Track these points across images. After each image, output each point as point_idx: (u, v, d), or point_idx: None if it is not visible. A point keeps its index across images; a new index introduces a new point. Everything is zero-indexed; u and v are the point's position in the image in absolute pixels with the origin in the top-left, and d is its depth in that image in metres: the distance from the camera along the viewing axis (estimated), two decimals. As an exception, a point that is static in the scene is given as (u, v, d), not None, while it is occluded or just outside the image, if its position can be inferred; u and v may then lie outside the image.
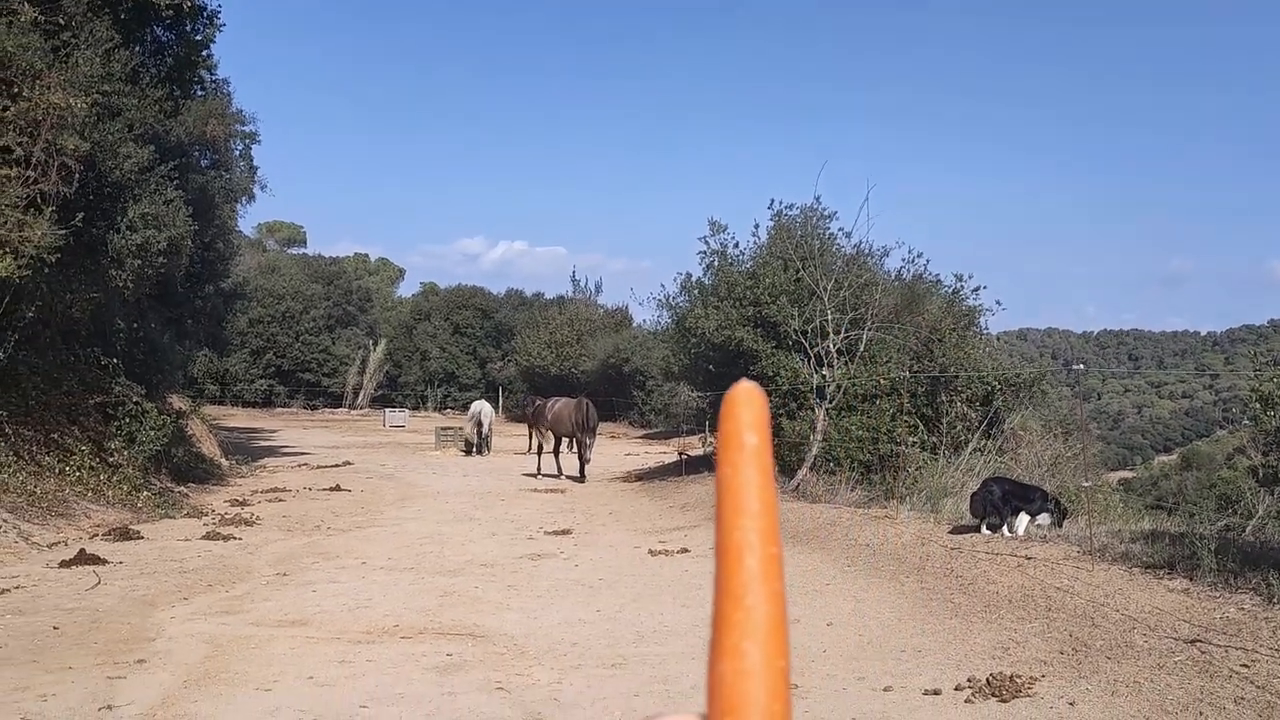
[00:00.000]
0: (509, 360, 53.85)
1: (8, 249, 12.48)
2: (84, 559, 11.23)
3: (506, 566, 12.04)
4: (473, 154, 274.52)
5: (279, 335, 53.05)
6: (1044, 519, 11.25)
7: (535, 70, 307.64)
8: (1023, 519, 11.10)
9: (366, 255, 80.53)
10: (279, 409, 52.75)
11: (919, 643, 8.21)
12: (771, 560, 0.67)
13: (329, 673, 7.36)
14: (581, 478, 23.00)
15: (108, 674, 7.20)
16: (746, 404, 0.69)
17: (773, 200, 20.24)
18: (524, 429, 33.62)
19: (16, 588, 9.86)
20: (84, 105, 13.26)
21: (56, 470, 14.81)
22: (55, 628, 8.48)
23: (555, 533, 14.79)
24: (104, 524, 13.76)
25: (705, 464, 21.11)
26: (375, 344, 56.63)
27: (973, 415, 16.83)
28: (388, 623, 9.01)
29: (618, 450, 33.25)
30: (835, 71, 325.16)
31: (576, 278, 75.29)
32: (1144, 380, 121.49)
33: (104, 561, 11.30)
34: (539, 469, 23.96)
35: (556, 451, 23.95)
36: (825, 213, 19.80)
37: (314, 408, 53.96)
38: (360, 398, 55.65)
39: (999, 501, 11.28)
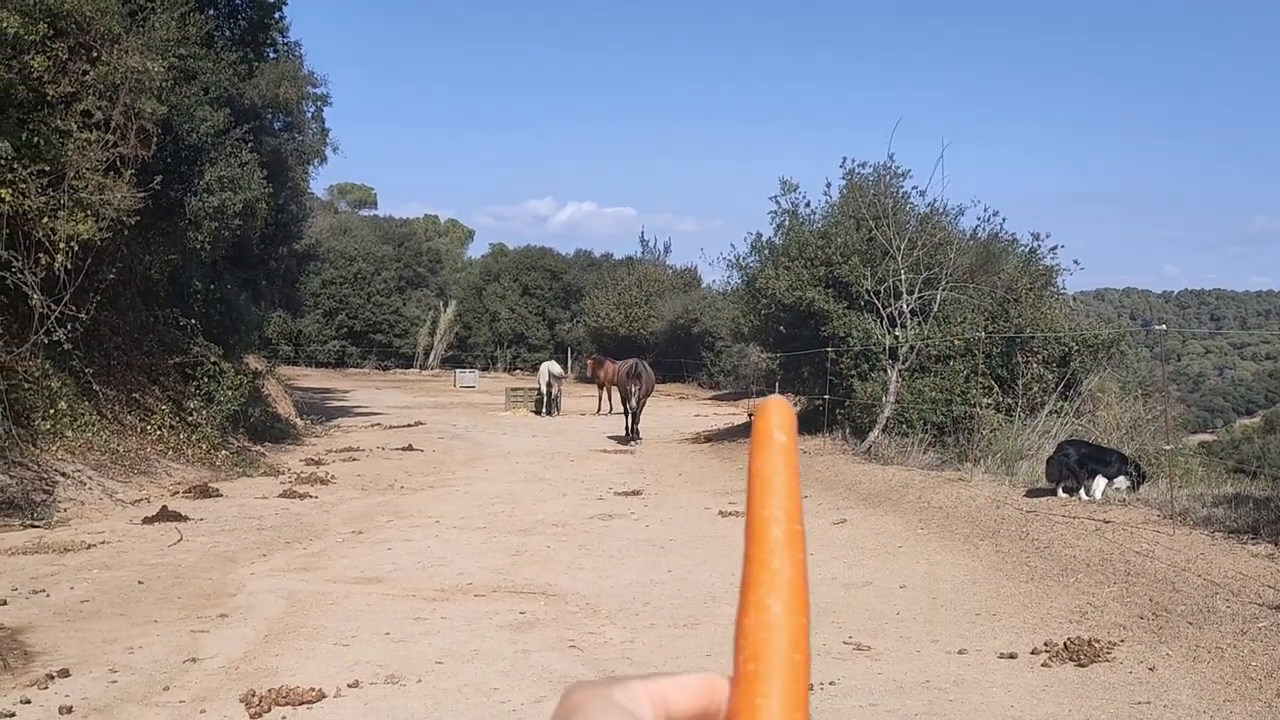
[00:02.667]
0: (578, 321, 53.95)
1: (89, 211, 12.71)
2: (166, 516, 11.48)
3: (577, 526, 12.11)
4: (542, 115, 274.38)
5: (351, 296, 53.59)
6: (1121, 482, 11.03)
7: (605, 31, 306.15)
8: (1099, 482, 10.90)
9: (436, 217, 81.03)
10: (351, 369, 53.42)
11: (994, 606, 8.12)
12: (795, 534, 0.77)
13: (405, 629, 7.46)
14: (629, 438, 22.60)
15: (191, 628, 7.37)
16: (777, 409, 0.82)
17: (845, 158, 20.04)
18: (593, 390, 33.76)
19: (103, 543, 10.11)
20: (161, 69, 13.41)
21: (138, 429, 15.14)
22: (140, 582, 8.68)
23: (625, 493, 14.84)
24: (184, 482, 14.06)
25: (775, 425, 21.00)
26: (445, 305, 56.98)
27: (1049, 377, 16.54)
28: (461, 581, 9.11)
29: (686, 411, 33.25)
30: (914, 27, 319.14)
31: (645, 238, 75.12)
32: (1226, 341, 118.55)
33: (185, 518, 11.55)
34: (627, 431, 23.46)
35: (627, 412, 23.67)
36: (899, 171, 19.51)
37: (385, 368, 54.53)
38: (431, 358, 56.13)
39: (1075, 465, 11.08)
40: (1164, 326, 11.81)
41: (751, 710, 0.69)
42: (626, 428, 22.99)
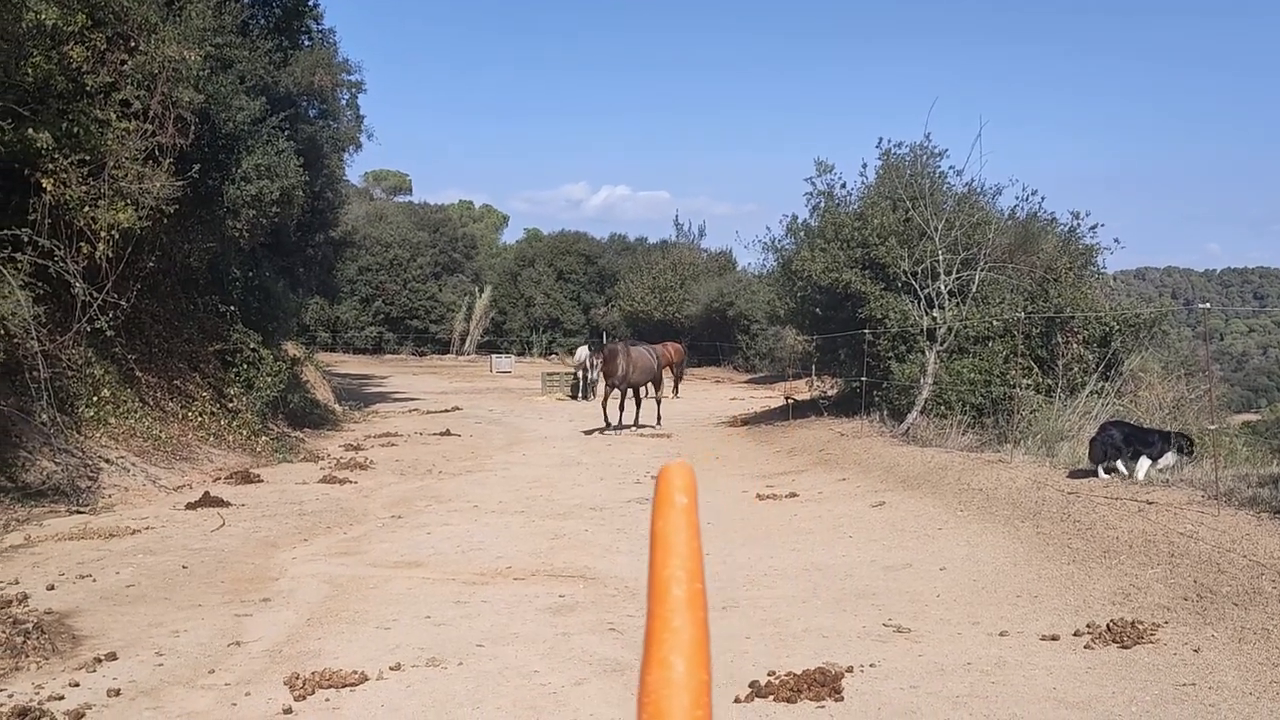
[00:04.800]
0: (612, 305, 53.95)
1: (129, 200, 12.83)
2: (208, 501, 11.61)
3: (615, 510, 12.13)
4: (576, 99, 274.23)
5: (387, 282, 53.87)
6: (1168, 459, 10.88)
7: (638, 15, 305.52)
8: (1144, 463, 10.77)
9: (471, 202, 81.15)
10: (388, 355, 53.74)
11: (1035, 588, 8.06)
12: (696, 593, 0.80)
13: (445, 612, 7.50)
14: (613, 426, 21.49)
15: (235, 611, 7.45)
16: (678, 474, 0.86)
17: (881, 139, 19.81)
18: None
19: (147, 528, 10.24)
20: (198, 58, 13.50)
21: (180, 416, 15.31)
22: (184, 567, 8.79)
23: (662, 477, 14.82)
24: (225, 467, 14.20)
25: (812, 408, 20.95)
26: (481, 290, 57.14)
27: (1089, 357, 16.35)
28: (500, 564, 9.15)
29: (722, 395, 33.22)
30: (951, 5, 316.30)
31: (680, 222, 74.99)
32: (1270, 319, 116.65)
33: (227, 504, 11.67)
34: (657, 417, 22.97)
35: (636, 399, 22.53)
36: (935, 150, 19.30)
37: (422, 354, 54.83)
38: (467, 344, 56.34)
39: (1119, 446, 10.96)
40: (1207, 305, 11.66)
41: None
42: (604, 415, 21.62)
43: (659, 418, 23.02)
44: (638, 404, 22.48)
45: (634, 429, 21.79)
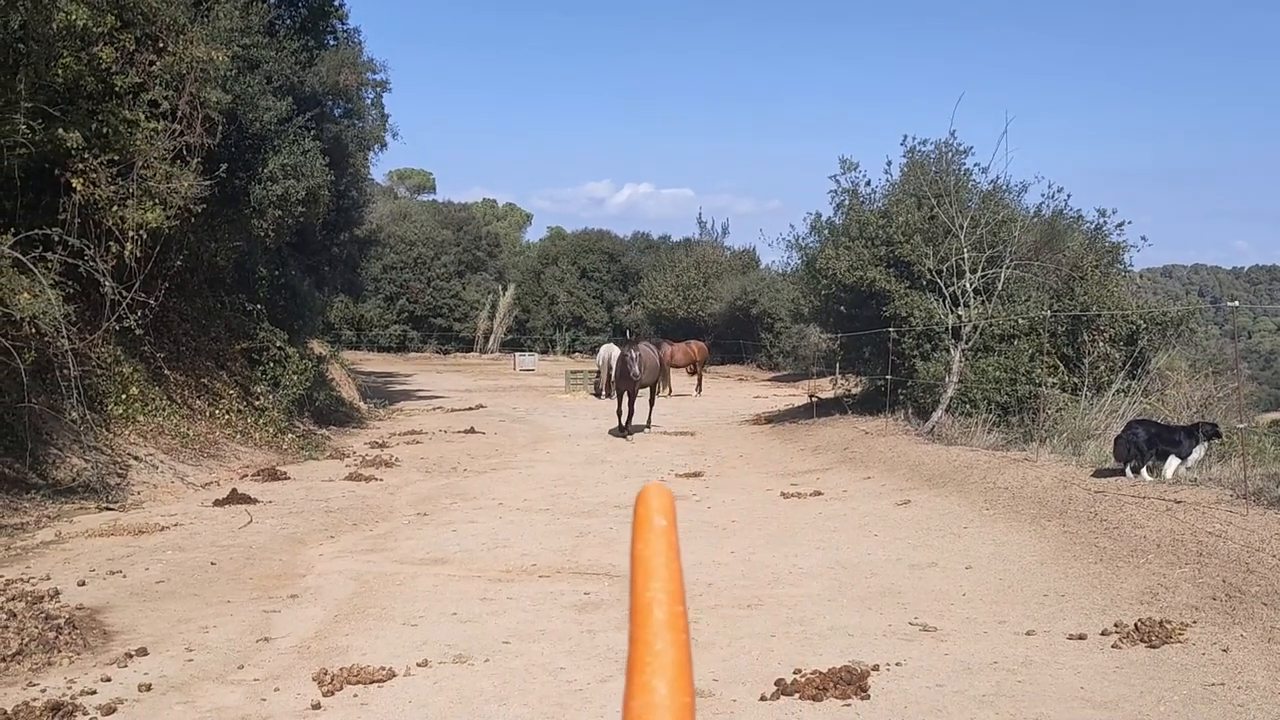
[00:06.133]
0: (636, 304, 53.97)
1: (157, 200, 12.93)
2: (236, 498, 11.69)
3: (640, 508, 12.12)
4: (599, 97, 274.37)
5: (411, 281, 54.04)
6: (1197, 454, 10.81)
7: (661, 12, 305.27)
8: (1172, 462, 10.71)
9: (494, 200, 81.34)
10: (412, 353, 53.90)
11: (1062, 587, 8.03)
12: (677, 616, 0.79)
13: (472, 609, 7.54)
14: (625, 430, 20.33)
15: (263, 608, 7.51)
16: (656, 496, 0.86)
17: (905, 136, 19.72)
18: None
19: (176, 525, 10.32)
20: (225, 58, 13.59)
21: (207, 413, 15.42)
22: (213, 563, 8.86)
23: (687, 475, 14.86)
24: (252, 465, 14.30)
25: (836, 406, 20.90)
26: (504, 289, 57.24)
27: (1116, 355, 16.27)
28: (526, 562, 9.19)
29: (746, 393, 33.18)
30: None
31: (703, 219, 74.97)
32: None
33: (254, 501, 11.75)
34: (648, 420, 21.74)
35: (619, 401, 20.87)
36: (960, 148, 19.23)
37: (446, 352, 54.96)
38: (490, 342, 56.45)
39: (1144, 445, 10.91)
40: (1236, 303, 11.57)
41: None
42: (619, 419, 20.46)
43: (649, 419, 21.85)
44: (651, 403, 21.99)
45: (649, 429, 21.25)
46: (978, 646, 6.63)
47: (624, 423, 20.35)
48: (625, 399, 20.33)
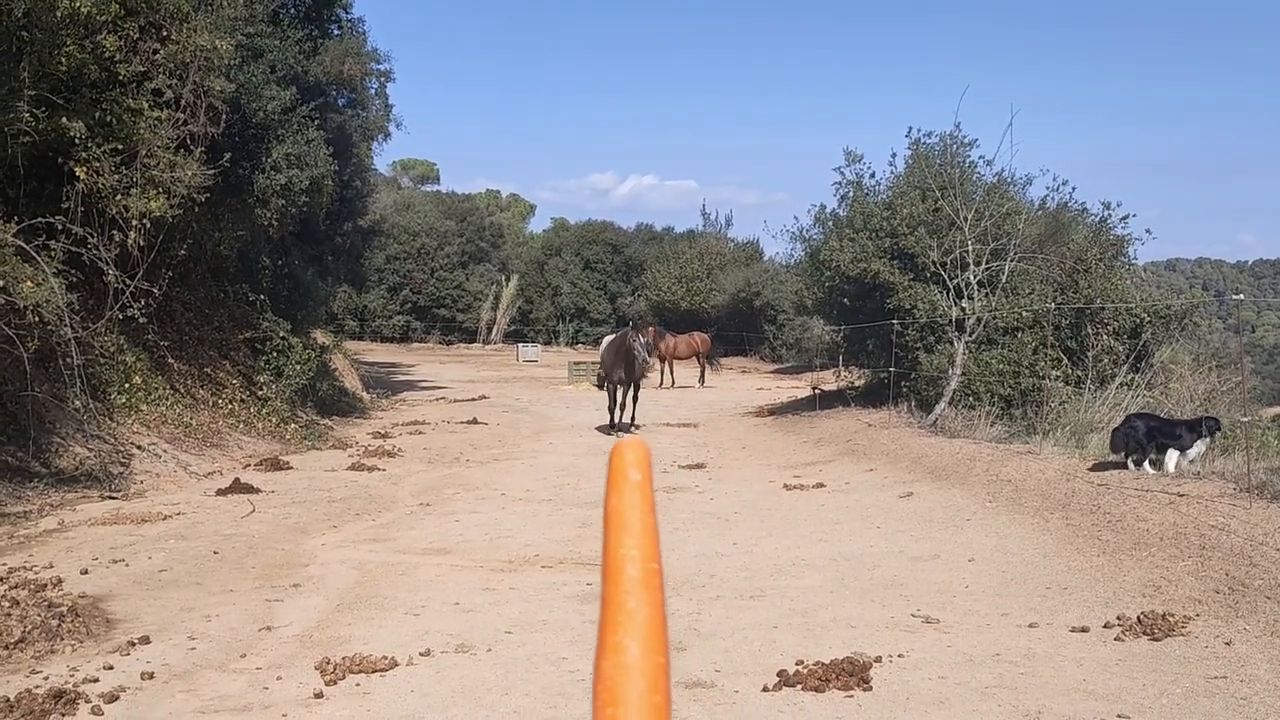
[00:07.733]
0: (639, 295, 53.91)
1: (160, 189, 12.92)
2: (238, 488, 11.70)
3: (642, 499, 12.12)
4: (602, 87, 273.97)
5: (415, 271, 53.98)
6: (1198, 448, 10.79)
7: (667, 3, 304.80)
8: (1173, 455, 10.69)
9: (498, 191, 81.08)
10: (415, 344, 53.87)
11: (1065, 580, 8.03)
12: (651, 573, 0.77)
13: (474, 599, 7.54)
14: (613, 428, 19.19)
15: (265, 597, 7.51)
16: (631, 449, 0.85)
17: (910, 128, 19.73)
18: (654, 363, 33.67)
19: (178, 514, 10.33)
20: (229, 47, 13.56)
21: (210, 403, 15.43)
22: (215, 552, 8.87)
23: (689, 466, 14.86)
24: (255, 454, 14.31)
25: (839, 399, 20.89)
26: (507, 280, 57.17)
27: (1119, 349, 16.24)
28: (528, 552, 9.19)
29: (749, 385, 33.16)
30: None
31: (707, 211, 74.91)
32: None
33: (257, 490, 11.76)
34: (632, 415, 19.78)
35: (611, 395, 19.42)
36: (965, 140, 19.15)
37: (449, 343, 54.93)
38: (494, 333, 56.41)
39: (1143, 438, 10.88)
40: (1240, 296, 11.56)
41: None
42: (611, 415, 19.22)
43: (634, 416, 20.04)
44: (635, 399, 19.93)
45: (635, 428, 19.43)
46: (980, 638, 6.63)
47: (616, 419, 19.17)
48: (620, 391, 19.14)
